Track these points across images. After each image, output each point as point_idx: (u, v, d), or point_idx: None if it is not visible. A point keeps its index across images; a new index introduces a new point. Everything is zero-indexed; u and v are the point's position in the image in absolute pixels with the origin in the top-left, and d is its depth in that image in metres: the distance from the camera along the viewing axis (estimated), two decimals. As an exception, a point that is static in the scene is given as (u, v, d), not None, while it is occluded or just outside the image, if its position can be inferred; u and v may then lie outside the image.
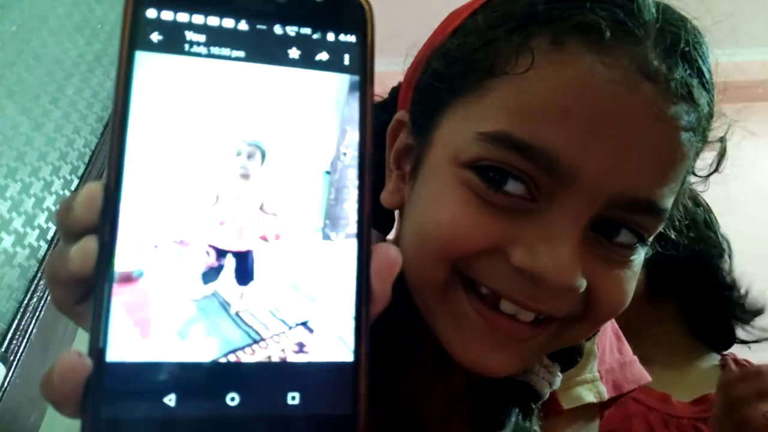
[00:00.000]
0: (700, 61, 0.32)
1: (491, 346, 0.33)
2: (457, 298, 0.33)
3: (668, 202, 0.32)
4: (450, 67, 0.34)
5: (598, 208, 0.30)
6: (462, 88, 0.34)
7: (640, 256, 0.33)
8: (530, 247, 0.30)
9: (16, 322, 0.75)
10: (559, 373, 0.40)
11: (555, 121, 0.30)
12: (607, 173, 0.30)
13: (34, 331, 0.76)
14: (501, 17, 0.33)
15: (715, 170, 0.38)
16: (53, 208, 0.86)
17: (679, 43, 0.31)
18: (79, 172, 0.94)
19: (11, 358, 0.73)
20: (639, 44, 0.30)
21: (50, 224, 0.85)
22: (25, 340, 0.75)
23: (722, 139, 0.36)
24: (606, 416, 0.56)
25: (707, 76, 0.32)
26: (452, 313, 0.33)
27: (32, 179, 0.82)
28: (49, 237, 0.84)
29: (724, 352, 0.81)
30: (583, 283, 0.31)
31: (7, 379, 0.71)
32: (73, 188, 0.92)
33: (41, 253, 0.82)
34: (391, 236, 0.44)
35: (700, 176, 0.37)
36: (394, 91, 0.45)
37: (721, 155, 0.38)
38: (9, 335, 0.74)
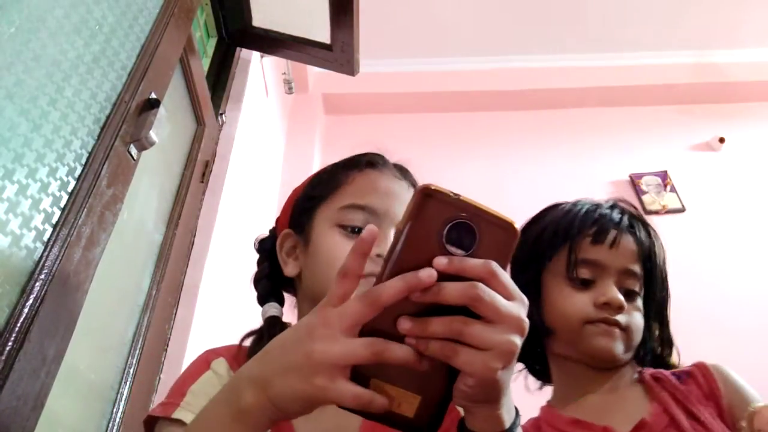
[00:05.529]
0: (411, 176, 0.81)
1: None
2: None
3: None
4: (315, 189, 0.78)
5: None
6: (324, 196, 0.75)
7: None
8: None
9: (11, 323, 0.75)
10: None
11: (368, 195, 0.73)
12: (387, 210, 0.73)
13: (30, 332, 0.76)
14: (337, 166, 0.79)
15: None
16: (49, 210, 0.86)
17: (402, 170, 0.80)
18: (76, 174, 0.93)
19: (8, 360, 0.72)
20: (390, 169, 0.78)
21: (46, 226, 0.85)
22: (21, 342, 0.75)
23: None
24: None
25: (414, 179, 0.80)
26: None
27: (29, 181, 0.82)
28: (45, 239, 0.84)
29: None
30: None
31: (3, 381, 0.71)
32: (69, 190, 0.91)
33: (37, 255, 0.82)
34: (287, 304, 0.81)
35: None
36: (262, 241, 0.84)
37: None
38: (5, 336, 0.74)
